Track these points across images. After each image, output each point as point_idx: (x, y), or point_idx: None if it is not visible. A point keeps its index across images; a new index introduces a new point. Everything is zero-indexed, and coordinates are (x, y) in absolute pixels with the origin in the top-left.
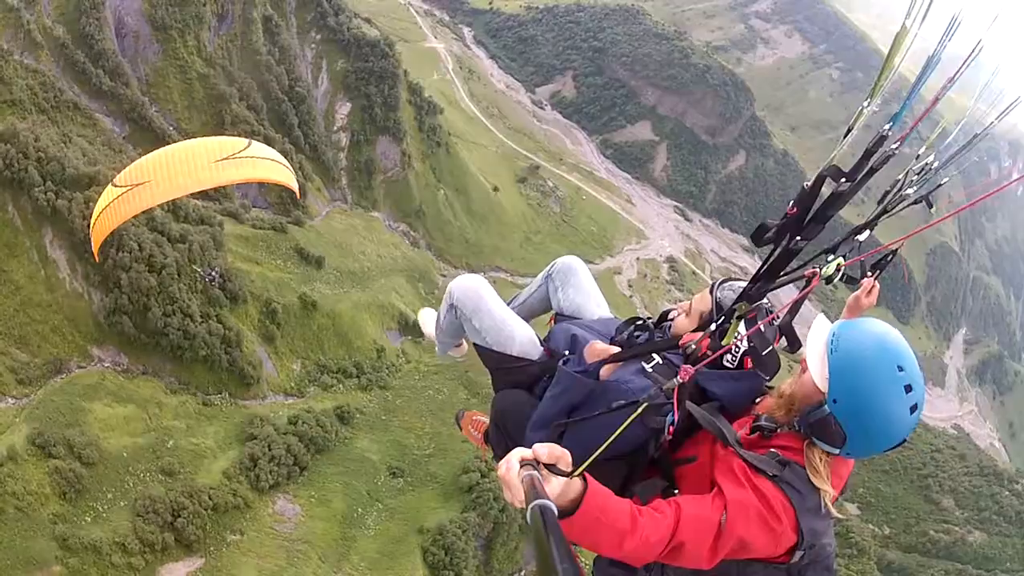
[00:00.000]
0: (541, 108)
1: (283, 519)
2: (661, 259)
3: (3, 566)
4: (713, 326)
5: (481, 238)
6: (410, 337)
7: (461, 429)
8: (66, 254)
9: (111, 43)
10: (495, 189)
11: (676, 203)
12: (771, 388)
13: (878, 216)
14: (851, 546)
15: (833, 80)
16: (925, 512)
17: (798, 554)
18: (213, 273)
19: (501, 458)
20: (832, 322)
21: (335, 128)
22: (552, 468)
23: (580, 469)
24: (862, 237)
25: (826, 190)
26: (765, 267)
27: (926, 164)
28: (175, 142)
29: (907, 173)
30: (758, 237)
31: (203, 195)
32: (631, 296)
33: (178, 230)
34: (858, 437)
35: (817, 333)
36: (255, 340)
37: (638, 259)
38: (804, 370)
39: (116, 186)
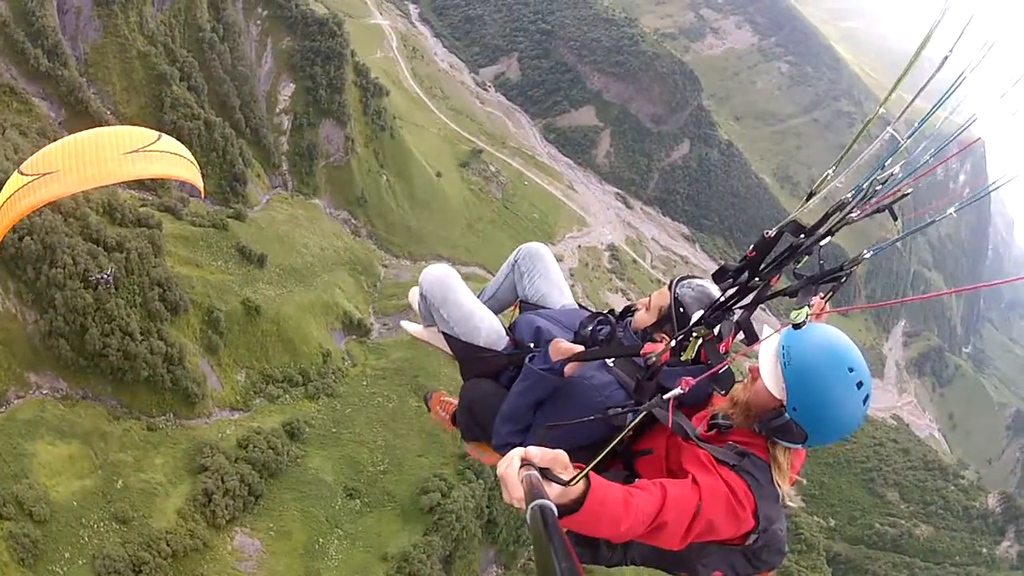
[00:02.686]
0: (484, 90)
1: (244, 556)
2: (602, 247)
3: None
4: (673, 342)
5: (423, 225)
6: (354, 337)
7: (430, 410)
8: None
9: (52, 19)
10: (438, 175)
11: (618, 190)
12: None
13: (836, 225)
14: (800, 541)
15: (782, 73)
16: (870, 505)
17: (752, 537)
18: (106, 276)
19: (471, 439)
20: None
21: (277, 111)
22: (546, 472)
23: (579, 476)
24: (823, 243)
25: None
26: (723, 301)
27: (891, 174)
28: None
29: (871, 182)
30: (718, 277)
31: (140, 185)
32: (573, 285)
33: (114, 236)
34: (819, 433)
35: (767, 345)
36: (198, 352)
37: (579, 247)
38: (755, 378)
39: (23, 174)
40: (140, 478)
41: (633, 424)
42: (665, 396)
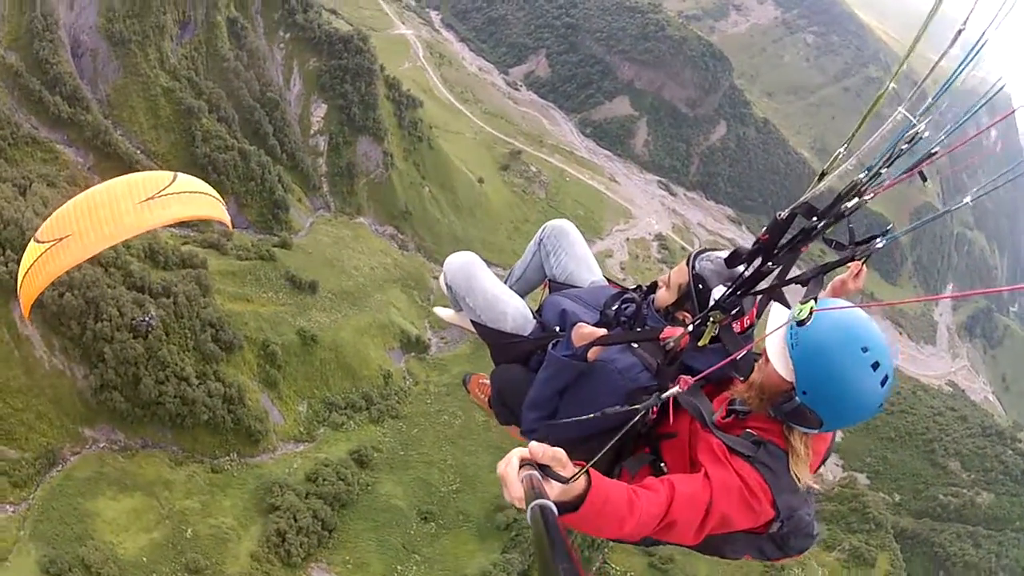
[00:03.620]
0: (516, 90)
1: None
2: (650, 237)
3: None
4: (691, 327)
5: (469, 233)
6: (413, 354)
7: (469, 392)
8: (39, 328)
9: (68, 65)
10: (480, 180)
11: (659, 178)
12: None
13: (864, 190)
14: (869, 520)
15: (808, 45)
16: (932, 477)
17: (775, 526)
18: (149, 319)
19: (504, 423)
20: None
21: (312, 132)
22: (547, 470)
23: (578, 474)
24: (850, 204)
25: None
26: (737, 286)
27: (916, 133)
28: (143, 168)
29: (896, 145)
30: (732, 261)
31: (179, 223)
32: (624, 279)
33: (159, 281)
34: (834, 418)
35: (777, 324)
36: (257, 389)
37: (627, 240)
38: (767, 361)
39: (39, 241)
40: (209, 524)
41: (636, 419)
42: (663, 395)
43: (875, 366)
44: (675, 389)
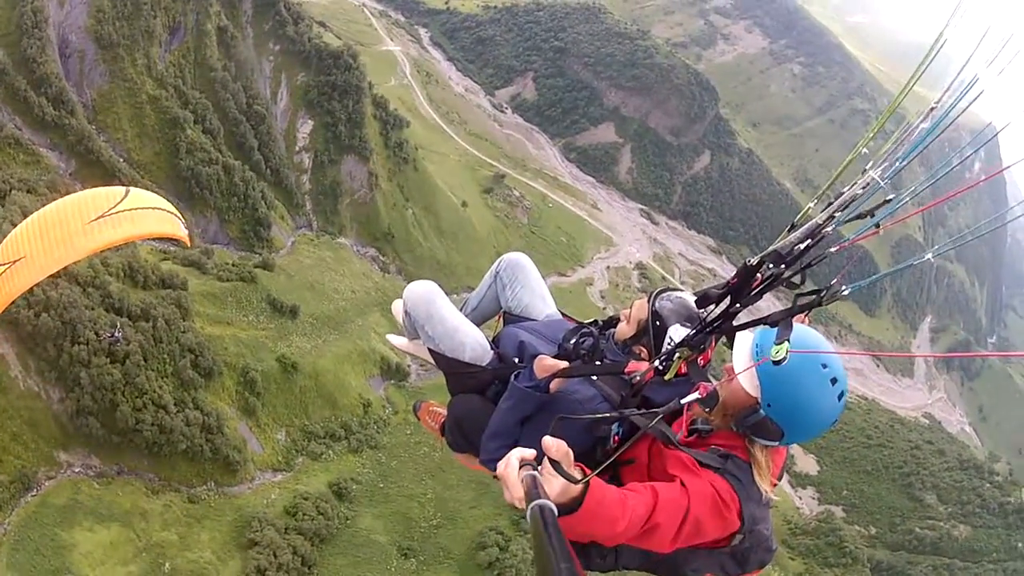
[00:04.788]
0: (502, 112)
1: None
2: (631, 266)
3: None
4: (657, 363)
5: (452, 257)
6: (393, 381)
7: (419, 420)
8: (14, 348)
9: (55, 65)
10: (464, 204)
11: (642, 206)
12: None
13: (816, 259)
14: (846, 555)
15: (795, 75)
16: (909, 510)
17: (737, 538)
18: (114, 334)
19: (458, 451)
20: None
21: (297, 149)
22: (557, 466)
23: (589, 477)
24: (814, 253)
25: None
26: (704, 327)
27: (871, 180)
28: (124, 177)
29: (840, 219)
30: (702, 303)
31: (158, 239)
32: (604, 308)
33: (138, 303)
34: (795, 430)
35: (741, 344)
36: (235, 416)
37: (608, 268)
38: (731, 378)
39: None
40: (188, 558)
41: (635, 438)
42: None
43: (833, 381)
44: (694, 395)
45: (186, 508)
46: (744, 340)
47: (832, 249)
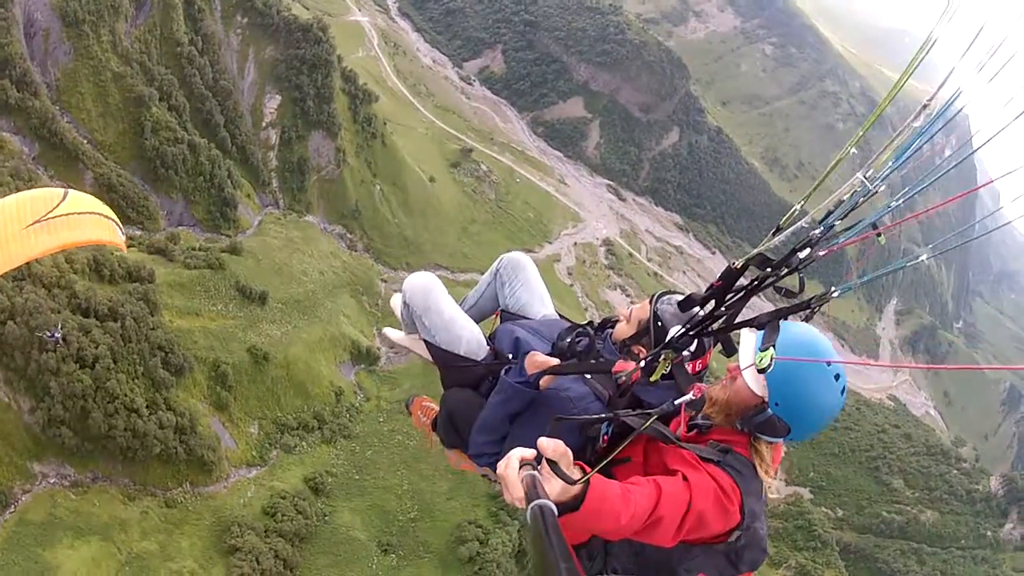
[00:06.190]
0: (469, 84)
1: None
2: (598, 242)
3: None
4: (643, 363)
5: (419, 234)
6: (363, 366)
7: (411, 415)
8: None
9: (19, 46)
10: (431, 180)
11: (609, 182)
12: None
13: (802, 263)
14: (814, 538)
15: (766, 55)
16: (876, 494)
17: (735, 534)
18: (53, 334)
19: (450, 446)
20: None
21: (264, 125)
22: (554, 466)
23: (587, 476)
24: (802, 256)
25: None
26: (688, 329)
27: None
28: (88, 160)
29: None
30: (686, 305)
31: (124, 220)
32: (571, 285)
33: (106, 301)
34: (801, 427)
35: (747, 344)
36: (208, 412)
37: (575, 244)
38: (735, 378)
39: None
40: (170, 568)
41: (631, 439)
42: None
43: (836, 377)
44: (688, 396)
45: (163, 513)
46: (749, 341)
47: (821, 253)
